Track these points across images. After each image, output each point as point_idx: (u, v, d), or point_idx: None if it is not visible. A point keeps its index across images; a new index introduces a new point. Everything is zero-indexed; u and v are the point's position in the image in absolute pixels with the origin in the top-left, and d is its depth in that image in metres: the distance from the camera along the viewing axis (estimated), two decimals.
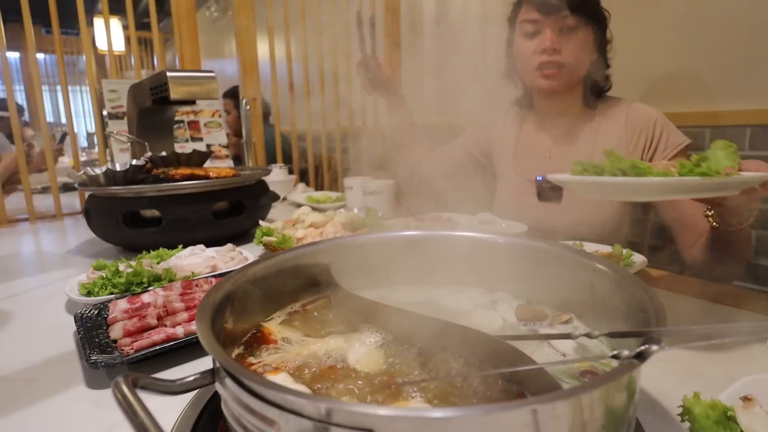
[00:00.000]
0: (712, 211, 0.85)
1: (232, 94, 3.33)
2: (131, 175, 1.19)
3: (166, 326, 0.67)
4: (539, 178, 1.23)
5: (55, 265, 1.15)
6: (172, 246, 1.07)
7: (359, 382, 0.39)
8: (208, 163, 1.46)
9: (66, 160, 3.15)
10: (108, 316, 0.70)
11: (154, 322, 0.67)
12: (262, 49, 2.42)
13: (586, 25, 1.13)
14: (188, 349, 0.65)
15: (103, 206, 1.16)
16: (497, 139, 1.40)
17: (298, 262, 0.56)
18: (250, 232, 1.16)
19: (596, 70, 1.20)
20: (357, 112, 2.69)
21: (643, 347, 0.31)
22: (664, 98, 1.66)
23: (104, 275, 0.86)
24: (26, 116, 5.34)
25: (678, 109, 1.64)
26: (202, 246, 1.06)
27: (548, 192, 1.20)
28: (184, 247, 1.05)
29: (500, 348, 0.41)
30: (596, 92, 1.24)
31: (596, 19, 1.15)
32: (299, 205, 1.56)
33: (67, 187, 2.37)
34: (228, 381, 0.31)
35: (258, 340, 0.48)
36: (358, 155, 2.73)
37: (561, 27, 1.11)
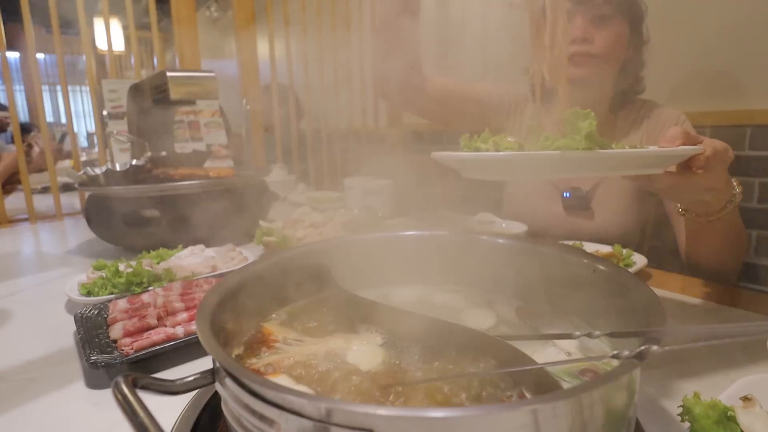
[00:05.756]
0: (670, 199, 0.78)
1: None
2: (131, 175, 1.19)
3: (166, 326, 0.67)
4: (566, 194, 1.18)
5: (55, 265, 1.15)
6: (172, 246, 1.07)
7: (359, 382, 0.39)
8: (208, 163, 1.46)
9: (66, 160, 3.14)
10: (108, 316, 0.70)
11: (154, 322, 0.67)
12: (262, 49, 2.41)
13: (620, 17, 1.05)
14: (188, 349, 0.65)
15: (103, 206, 1.16)
16: (515, 128, 1.29)
17: (298, 262, 0.56)
18: (250, 232, 1.16)
19: (629, 70, 1.13)
20: (357, 112, 2.69)
21: (643, 347, 0.31)
22: (664, 98, 1.66)
23: (104, 275, 0.86)
24: (22, 117, 5.33)
25: (678, 109, 1.64)
26: (202, 246, 1.06)
27: (576, 205, 1.18)
28: (184, 247, 1.06)
29: (500, 348, 0.41)
30: (627, 95, 1.16)
31: (632, 12, 1.07)
32: (299, 205, 1.56)
33: (67, 187, 2.37)
34: (228, 381, 0.31)
35: (258, 341, 0.48)
36: (358, 155, 2.73)
37: (593, 16, 1.04)
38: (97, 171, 1.18)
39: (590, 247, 0.97)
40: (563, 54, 1.08)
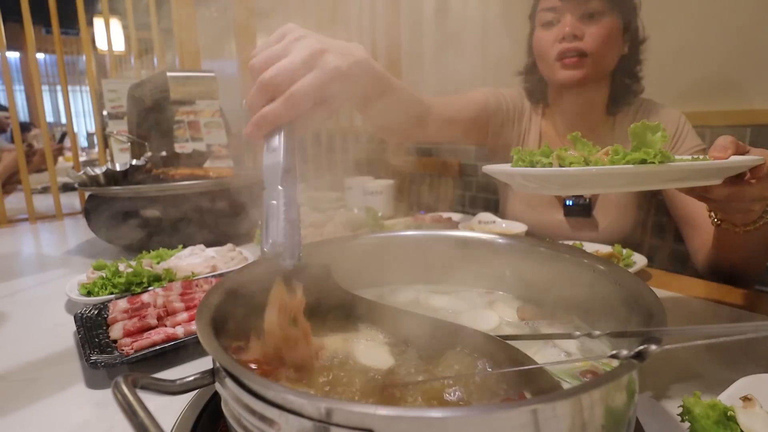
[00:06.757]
0: (714, 209, 0.77)
1: None
2: (131, 175, 1.19)
3: (166, 326, 0.67)
4: (569, 202, 1.16)
5: (55, 265, 1.15)
6: (172, 246, 1.07)
7: (359, 382, 0.39)
8: (208, 163, 1.46)
9: (66, 154, 3.13)
10: (108, 316, 0.70)
11: (154, 322, 0.67)
12: None
13: (612, 12, 1.03)
14: (188, 349, 0.65)
15: (103, 206, 1.16)
16: (513, 131, 1.27)
17: (298, 262, 0.56)
18: (250, 232, 1.16)
19: (626, 68, 1.11)
20: (357, 112, 2.69)
21: (642, 347, 0.31)
22: (664, 98, 1.66)
23: (104, 275, 0.86)
24: (22, 117, 5.33)
25: (678, 110, 1.64)
26: (202, 246, 1.06)
27: (578, 212, 1.16)
28: (184, 247, 1.06)
29: (500, 348, 0.41)
30: (625, 95, 1.13)
31: (624, 8, 1.05)
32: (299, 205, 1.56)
33: (67, 187, 2.37)
34: (228, 381, 0.31)
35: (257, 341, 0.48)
36: (357, 155, 2.73)
37: (583, 13, 1.02)
38: (97, 171, 1.18)
39: (590, 247, 0.97)
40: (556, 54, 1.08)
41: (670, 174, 0.53)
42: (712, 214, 0.78)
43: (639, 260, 0.89)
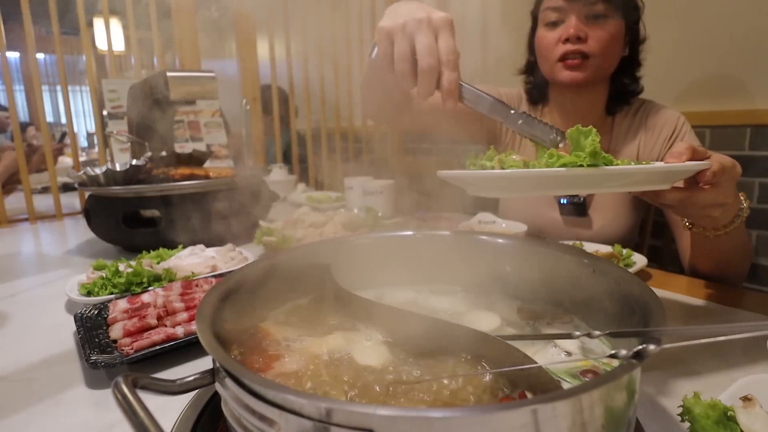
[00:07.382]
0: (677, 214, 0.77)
1: None
2: (131, 175, 1.19)
3: (166, 326, 0.67)
4: (563, 200, 1.16)
5: (55, 265, 1.15)
6: (172, 246, 1.07)
7: (359, 382, 0.39)
8: (208, 163, 1.46)
9: (67, 160, 3.14)
10: (108, 316, 0.70)
11: (154, 322, 0.67)
12: (262, 49, 2.41)
13: (616, 14, 1.03)
14: (188, 349, 0.65)
15: (103, 206, 1.16)
16: (510, 131, 1.26)
17: (298, 262, 0.56)
18: (250, 232, 1.16)
19: (626, 69, 1.11)
20: (357, 112, 2.69)
21: (641, 347, 0.31)
22: (664, 98, 1.66)
23: (104, 275, 0.86)
24: (22, 117, 5.32)
25: (678, 109, 1.64)
26: (202, 246, 1.06)
27: (573, 211, 1.16)
28: (184, 247, 1.06)
29: (500, 348, 0.41)
30: (624, 96, 1.14)
31: (628, 9, 1.05)
32: (299, 205, 1.56)
33: (67, 187, 2.37)
34: (228, 381, 0.31)
35: (258, 340, 0.48)
36: (357, 155, 2.73)
37: (588, 14, 1.02)
38: (97, 171, 1.18)
39: (590, 247, 0.97)
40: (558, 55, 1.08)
41: (604, 177, 0.52)
42: (685, 221, 0.78)
43: (639, 260, 0.88)
